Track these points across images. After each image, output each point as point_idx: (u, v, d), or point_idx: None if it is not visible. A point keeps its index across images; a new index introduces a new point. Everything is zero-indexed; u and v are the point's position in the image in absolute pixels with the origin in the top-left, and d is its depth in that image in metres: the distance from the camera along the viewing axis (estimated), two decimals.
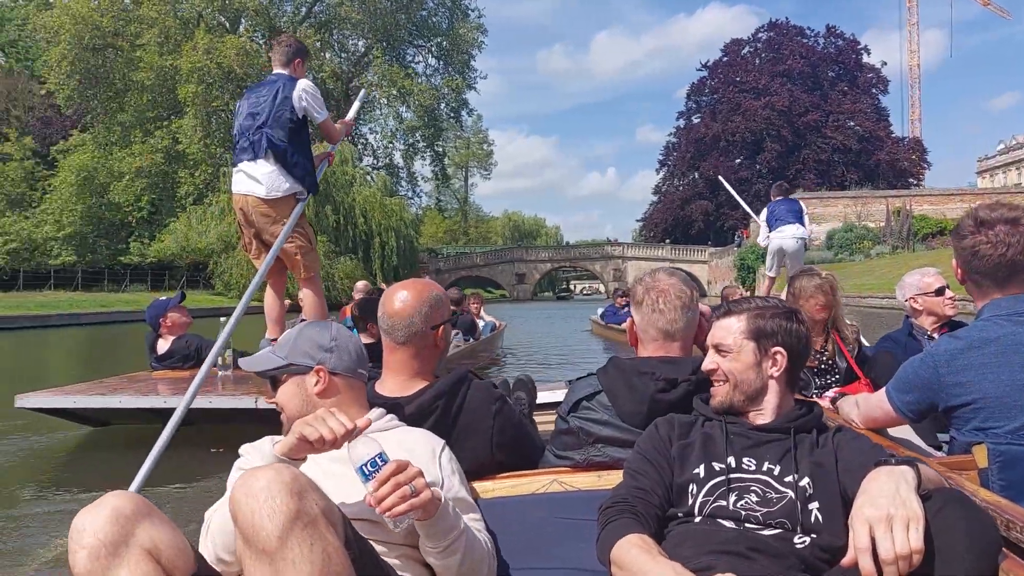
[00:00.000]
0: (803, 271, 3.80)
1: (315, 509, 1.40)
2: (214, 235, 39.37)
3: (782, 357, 1.84)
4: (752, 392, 1.83)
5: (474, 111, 66.40)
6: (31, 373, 12.40)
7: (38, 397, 5.18)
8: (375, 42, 54.27)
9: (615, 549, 1.59)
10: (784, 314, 1.89)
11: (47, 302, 29.84)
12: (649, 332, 2.19)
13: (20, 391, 5.25)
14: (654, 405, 2.03)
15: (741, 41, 69.39)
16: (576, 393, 2.20)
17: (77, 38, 44.20)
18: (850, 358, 3.59)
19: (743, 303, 1.93)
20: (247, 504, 1.37)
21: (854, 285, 26.29)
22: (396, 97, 54.50)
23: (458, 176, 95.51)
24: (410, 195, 61.28)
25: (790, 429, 1.77)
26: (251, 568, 1.38)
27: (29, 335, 22.52)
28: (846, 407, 2.68)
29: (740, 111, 63.77)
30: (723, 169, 63.95)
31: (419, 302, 2.11)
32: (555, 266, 75.14)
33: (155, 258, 43.80)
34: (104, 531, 1.38)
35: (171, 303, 6.33)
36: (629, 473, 1.81)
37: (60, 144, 47.44)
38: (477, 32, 59.16)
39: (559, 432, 2.23)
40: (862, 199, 44.51)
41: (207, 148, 45.86)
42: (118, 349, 18.20)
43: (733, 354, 1.86)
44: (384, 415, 1.95)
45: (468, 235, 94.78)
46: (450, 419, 2.08)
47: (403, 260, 44.30)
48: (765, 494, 1.68)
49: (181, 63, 44.29)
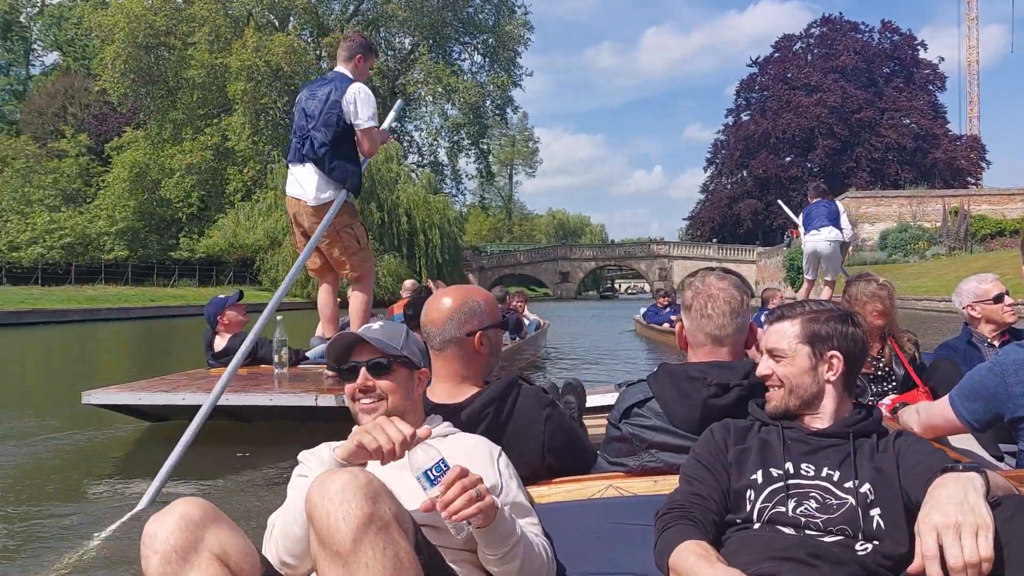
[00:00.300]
0: (859, 276, 3.69)
1: (388, 514, 1.42)
2: (261, 231, 39.88)
3: (838, 361, 1.80)
4: (808, 397, 1.80)
5: (519, 108, 66.33)
6: (80, 368, 12.54)
7: (104, 394, 5.26)
8: (421, 39, 54.41)
9: (673, 555, 1.58)
10: (839, 317, 1.84)
11: (97, 296, 30.46)
12: (698, 337, 2.16)
13: (69, 386, 5.21)
14: (706, 410, 2.00)
15: (793, 37, 68.08)
16: (627, 400, 2.18)
17: (131, 36, 45.13)
18: (908, 365, 3.49)
19: (797, 307, 1.89)
20: (323, 506, 1.40)
21: (908, 287, 25.56)
22: (441, 94, 54.56)
23: (503, 174, 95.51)
24: (454, 193, 61.52)
25: (849, 434, 1.74)
26: (325, 569, 1.40)
27: (78, 328, 22.95)
28: (906, 415, 2.60)
29: (791, 108, 62.58)
30: (773, 167, 63.14)
31: (452, 309, 2.12)
32: (599, 265, 74.52)
33: (204, 254, 44.54)
34: (175, 537, 1.42)
35: (229, 301, 6.34)
36: (685, 479, 1.79)
37: (114, 141, 48.54)
38: (523, 29, 59.01)
39: (611, 439, 2.21)
40: (917, 198, 43.33)
41: (255, 145, 46.50)
42: (169, 344, 18.54)
43: (788, 359, 1.82)
44: (442, 422, 1.97)
45: (512, 233, 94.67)
46: (501, 425, 2.07)
47: (447, 258, 44.36)
48: (825, 500, 1.65)
49: (231, 61, 44.94)
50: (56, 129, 49.59)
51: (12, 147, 47.23)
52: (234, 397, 4.89)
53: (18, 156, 46.51)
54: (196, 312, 29.69)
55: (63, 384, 9.87)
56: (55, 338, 19.41)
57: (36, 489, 4.26)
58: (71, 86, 54.15)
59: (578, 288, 71.74)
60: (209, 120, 48.62)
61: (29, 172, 46.04)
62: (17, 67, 69.02)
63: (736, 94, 71.55)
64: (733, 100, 72.84)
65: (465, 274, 51.19)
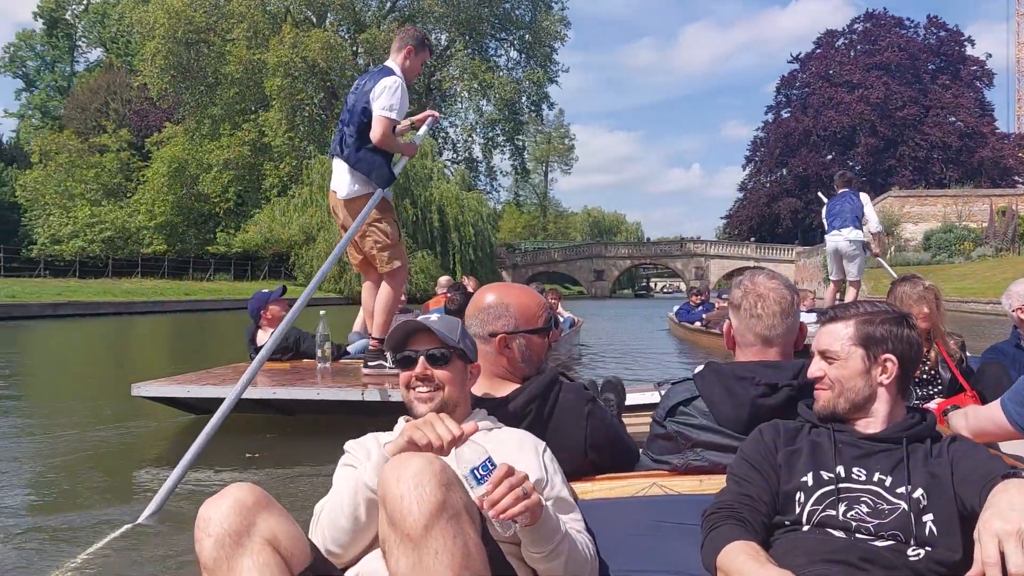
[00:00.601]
0: (904, 278, 3.62)
1: (460, 503, 1.43)
2: (296, 227, 40.08)
3: (892, 365, 1.76)
4: (859, 400, 1.76)
5: (555, 104, 65.80)
6: (119, 360, 12.63)
7: (154, 386, 5.37)
8: (457, 35, 54.30)
9: (721, 555, 1.56)
10: (895, 319, 1.81)
11: (132, 289, 30.76)
12: (747, 337, 2.12)
13: (111, 377, 5.63)
14: (754, 410, 1.98)
15: (835, 32, 66.89)
16: (672, 398, 2.16)
17: (171, 32, 45.67)
18: (955, 368, 3.43)
19: (851, 308, 1.85)
20: (397, 489, 1.40)
21: (954, 288, 24.93)
22: (477, 90, 54.39)
23: (538, 171, 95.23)
24: (489, 189, 61.29)
25: (902, 439, 1.71)
26: (394, 551, 1.40)
27: (112, 321, 23.17)
28: (955, 420, 2.54)
29: (832, 105, 61.53)
30: (813, 165, 62.09)
31: (481, 307, 2.17)
32: (635, 263, 73.88)
33: (240, 248, 44.92)
34: (228, 521, 1.44)
35: (272, 296, 6.44)
36: (733, 479, 1.77)
37: (154, 136, 49.14)
38: (560, 25, 58.58)
39: (655, 436, 2.20)
40: (963, 198, 42.32)
41: (291, 141, 46.76)
42: (204, 337, 18.56)
43: (840, 361, 1.78)
44: (487, 416, 1.97)
45: (547, 230, 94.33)
46: (543, 422, 2.06)
47: (480, 255, 44.21)
48: (876, 505, 1.64)
49: (268, 57, 45.24)
50: (98, 124, 50.36)
51: (55, 142, 48.11)
52: (281, 391, 5.06)
53: (61, 151, 47.37)
54: (230, 306, 30.21)
55: (105, 375, 10.06)
56: (90, 330, 19.57)
57: (76, 478, 4.32)
58: (113, 82, 54.94)
59: (613, 286, 71.24)
60: (246, 116, 49.07)
61: (71, 166, 46.87)
62: (62, 64, 70.37)
63: (776, 91, 70.55)
64: (773, 97, 71.81)
65: (499, 271, 51.00)
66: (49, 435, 5.52)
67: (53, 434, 5.53)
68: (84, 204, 45.75)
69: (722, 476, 1.85)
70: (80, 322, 22.20)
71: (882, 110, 59.87)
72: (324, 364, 5.84)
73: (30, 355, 13.64)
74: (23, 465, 4.68)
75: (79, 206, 45.62)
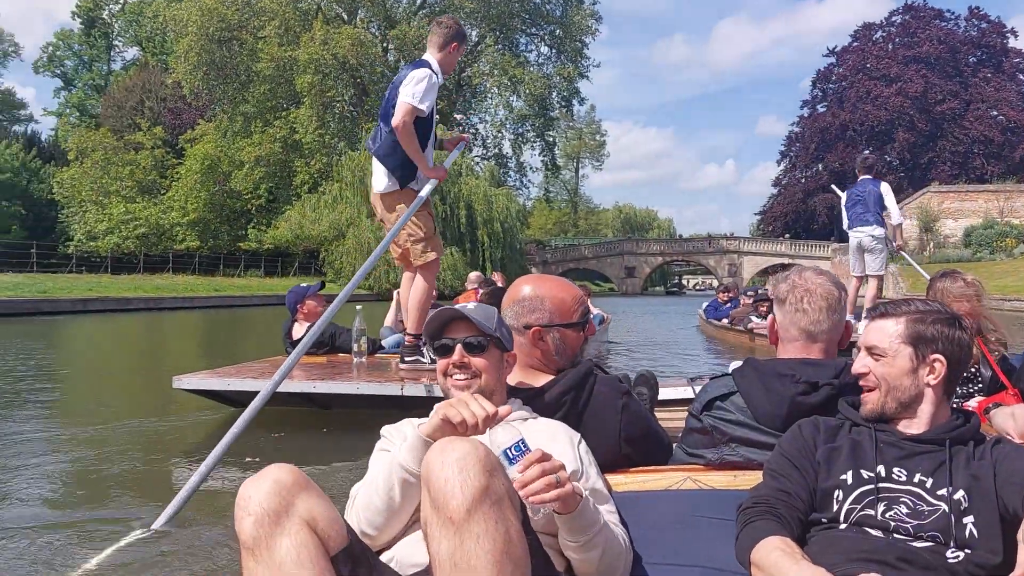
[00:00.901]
0: (945, 273, 3.54)
1: (502, 489, 1.43)
2: (326, 223, 40.14)
3: (941, 365, 1.73)
4: (906, 400, 1.74)
5: (586, 100, 65.08)
6: (151, 353, 12.75)
7: (194, 379, 5.46)
8: (488, 31, 54.02)
9: (756, 550, 1.56)
10: (947, 320, 1.77)
11: (163, 285, 31.01)
12: (790, 331, 2.11)
13: (146, 370, 5.84)
14: (793, 408, 1.96)
15: (873, 25, 65.49)
16: (710, 392, 2.16)
17: (203, 30, 45.99)
18: (996, 367, 3.33)
19: (902, 305, 1.81)
20: (441, 472, 1.40)
21: (995, 286, 24.32)
22: (507, 86, 54.03)
23: (569, 167, 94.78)
24: (518, 186, 60.87)
25: (945, 441, 1.69)
26: (436, 534, 1.40)
27: (142, 316, 23.39)
28: (1000, 418, 2.45)
29: (869, 99, 60.34)
30: (850, 160, 60.94)
31: (517, 298, 2.17)
32: (666, 260, 73.23)
33: (272, 245, 45.17)
34: (268, 500, 1.45)
35: (310, 291, 6.53)
36: (770, 474, 1.76)
37: (187, 134, 49.60)
38: (591, 19, 58.00)
39: (690, 430, 2.19)
40: (1005, 193, 41.38)
41: (322, 138, 46.87)
42: (233, 332, 18.79)
43: (888, 358, 1.76)
44: (522, 405, 1.98)
45: (578, 227, 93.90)
46: (578, 413, 2.06)
47: (508, 251, 43.98)
48: (916, 506, 1.62)
49: (299, 54, 45.36)
50: (133, 122, 50.93)
51: (91, 139, 48.76)
52: (323, 385, 5.14)
53: (97, 148, 48.00)
54: (260, 303, 30.39)
55: (141, 368, 10.30)
56: (120, 326, 19.75)
57: (108, 472, 4.35)
58: (148, 80, 55.51)
59: (644, 283, 70.68)
60: (278, 113, 49.28)
61: (107, 164, 47.48)
62: (99, 63, 71.37)
63: (812, 84, 69.26)
64: (809, 91, 70.62)
65: (528, 268, 50.64)
66: (87, 427, 5.61)
67: (91, 426, 5.61)
68: (119, 201, 46.34)
69: (756, 472, 1.85)
70: (110, 317, 22.42)
71: (921, 104, 58.65)
72: (360, 359, 5.91)
73: (63, 349, 13.70)
74: (59, 457, 4.73)
75: (114, 203, 46.22)
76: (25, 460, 4.52)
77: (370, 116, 48.16)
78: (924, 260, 39.05)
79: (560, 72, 57.43)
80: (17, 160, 49.28)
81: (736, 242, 67.93)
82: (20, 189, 48.30)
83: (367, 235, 38.42)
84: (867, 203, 9.54)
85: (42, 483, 4.09)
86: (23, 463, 4.44)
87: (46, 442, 5.22)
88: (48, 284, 25.40)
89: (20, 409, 6.62)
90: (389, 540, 1.71)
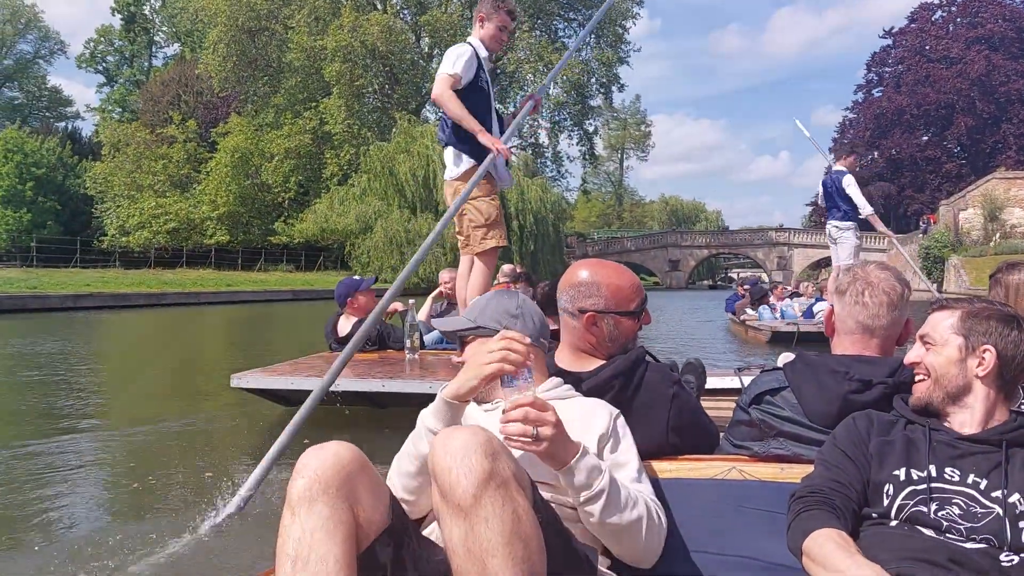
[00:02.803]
0: (1013, 265, 3.07)
1: (507, 471, 1.45)
2: (353, 216, 38.92)
3: (991, 355, 1.70)
4: (954, 391, 1.73)
5: (625, 86, 62.15)
6: (181, 349, 12.86)
7: (252, 377, 5.36)
8: (525, 16, 52.21)
9: (809, 540, 1.56)
10: (1003, 316, 1.76)
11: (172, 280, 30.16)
12: (848, 323, 2.09)
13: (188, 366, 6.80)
14: (845, 406, 1.94)
15: (931, 5, 62.13)
16: (759, 386, 2.16)
17: (232, 20, 45.16)
18: None
19: (964, 301, 1.82)
20: (444, 461, 1.45)
21: None
22: (543, 73, 52.11)
23: (613, 158, 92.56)
24: (555, 176, 58.79)
25: (1002, 442, 1.66)
26: (447, 521, 1.44)
27: (173, 311, 22.86)
28: None
29: (928, 82, 57.33)
30: (907, 146, 57.96)
31: (572, 282, 2.15)
32: (713, 253, 70.71)
33: (301, 239, 44.21)
34: (322, 469, 1.49)
35: (363, 285, 6.40)
36: (823, 464, 1.75)
37: (220, 127, 48.84)
38: (632, 3, 55.78)
39: (738, 422, 2.20)
40: None
41: (351, 128, 45.65)
42: (254, 330, 18.33)
43: (937, 347, 1.77)
44: (561, 384, 2.00)
45: (622, 219, 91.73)
46: (627, 400, 2.04)
47: (541, 243, 42.26)
48: (969, 508, 1.59)
49: (327, 42, 44.23)
50: (169, 117, 50.46)
51: (124, 133, 48.45)
52: (391, 384, 4.95)
53: (130, 142, 47.67)
54: (267, 299, 29.51)
55: (180, 363, 10.64)
56: (148, 320, 19.57)
57: (164, 471, 4.33)
58: (184, 74, 55.12)
59: (690, 276, 68.35)
60: (308, 104, 48.24)
61: (139, 158, 47.10)
62: (140, 58, 71.63)
63: (867, 68, 66.06)
64: (863, 75, 67.34)
65: (568, 261, 48.85)
66: (139, 427, 5.63)
67: (142, 426, 5.64)
68: (151, 195, 45.91)
69: (804, 466, 1.84)
70: (140, 313, 22.11)
71: (983, 86, 55.63)
72: (413, 355, 5.79)
73: (104, 343, 13.90)
74: (115, 455, 4.83)
75: (145, 197, 45.82)
76: (81, 459, 4.63)
77: (401, 105, 46.83)
78: (988, 251, 36.37)
79: (599, 58, 55.13)
80: (54, 155, 49.18)
81: (786, 234, 65.16)
82: (56, 185, 48.20)
83: (395, 227, 37.14)
84: (832, 195, 9.74)
85: (98, 483, 4.21)
86: (80, 462, 4.55)
87: (101, 443, 5.25)
88: (78, 278, 24.80)
89: (72, 401, 6.78)
90: (428, 506, 1.74)
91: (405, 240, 36.93)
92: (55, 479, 4.17)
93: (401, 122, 40.50)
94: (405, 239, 36.94)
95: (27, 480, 4.15)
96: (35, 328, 16.01)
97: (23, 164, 45.73)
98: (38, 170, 46.63)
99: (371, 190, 39.98)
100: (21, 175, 45.44)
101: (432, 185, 37.71)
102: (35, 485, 4.05)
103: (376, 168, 39.69)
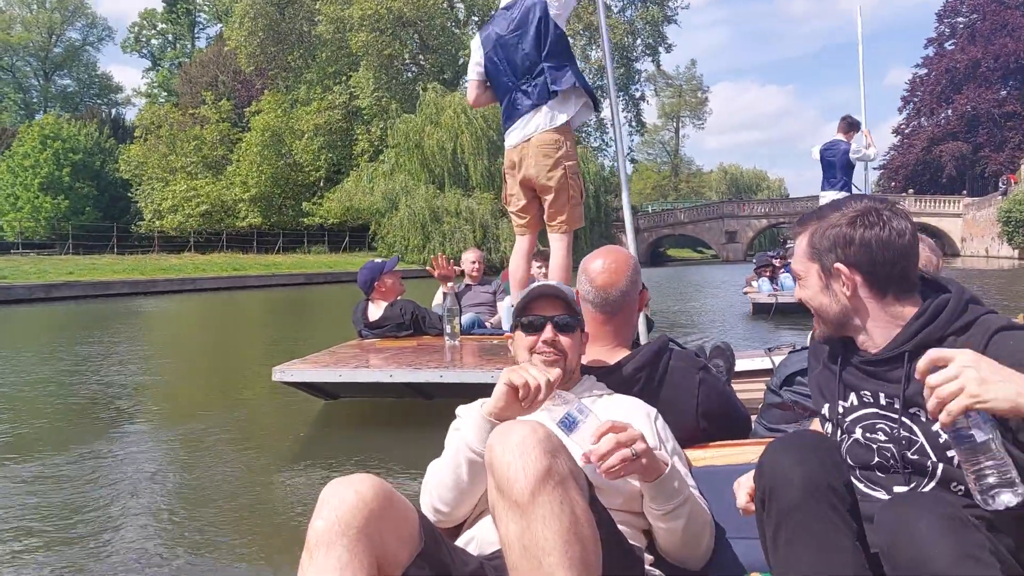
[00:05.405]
0: None
1: (566, 469, 1.43)
2: (379, 194, 37.15)
3: (847, 272, 1.56)
4: (836, 319, 1.61)
5: (673, 46, 57.67)
6: (211, 338, 12.59)
7: (294, 370, 5.04)
8: None
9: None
10: (849, 221, 1.56)
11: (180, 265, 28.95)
12: None
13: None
14: None
15: None
16: (789, 367, 2.16)
17: None
18: None
19: (814, 215, 1.65)
20: (503, 457, 1.42)
21: None
22: (582, 35, 49.23)
23: (668, 127, 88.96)
24: (599, 146, 55.78)
25: (903, 355, 1.55)
26: (503, 517, 1.42)
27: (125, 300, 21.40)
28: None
29: (1007, 31, 52.72)
30: (983, 102, 53.61)
31: (622, 268, 2.11)
32: (772, 223, 66.99)
33: (326, 220, 42.70)
34: (342, 509, 1.45)
35: (387, 266, 6.07)
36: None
37: (252, 106, 47.59)
38: None
39: (770, 405, 2.20)
40: None
41: (380, 102, 43.77)
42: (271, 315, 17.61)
43: (803, 280, 1.66)
44: (596, 382, 1.99)
45: (679, 190, 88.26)
46: (654, 390, 2.03)
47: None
48: (892, 431, 1.56)
49: (352, 11, 42.38)
50: (204, 99, 49.52)
51: (157, 115, 47.68)
52: (449, 375, 4.61)
53: (163, 123, 46.90)
54: (282, 283, 28.17)
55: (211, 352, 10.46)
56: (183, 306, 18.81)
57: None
58: (221, 53, 54.15)
59: (748, 248, 64.88)
60: (338, 78, 46.55)
61: (173, 140, 46.29)
62: (183, 40, 71.26)
63: (938, 19, 61.29)
64: (934, 28, 62.55)
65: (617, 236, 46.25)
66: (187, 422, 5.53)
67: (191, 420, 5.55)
68: (183, 177, 45.08)
69: None
70: (170, 298, 20.91)
71: None
72: (453, 341, 5.54)
73: (134, 332, 13.37)
74: (161, 453, 4.73)
75: (178, 179, 45.00)
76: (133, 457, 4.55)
77: (432, 75, 44.71)
78: None
79: (644, 16, 51.88)
80: (91, 140, 48.68)
81: None
82: (94, 170, 47.73)
83: (420, 204, 35.21)
84: (832, 165, 9.54)
85: (150, 487, 4.00)
86: (132, 461, 4.46)
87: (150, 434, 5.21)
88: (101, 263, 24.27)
89: (125, 398, 6.61)
90: (464, 516, 1.73)
91: (429, 218, 35.00)
92: (111, 481, 4.09)
93: (429, 92, 38.37)
94: (429, 216, 35.01)
95: (88, 482, 4.08)
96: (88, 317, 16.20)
97: (60, 151, 45.30)
98: (75, 155, 46.14)
99: (400, 166, 38.16)
100: (59, 161, 44.99)
101: (461, 160, 35.67)
102: (94, 486, 4.01)
103: (403, 142, 37.85)
